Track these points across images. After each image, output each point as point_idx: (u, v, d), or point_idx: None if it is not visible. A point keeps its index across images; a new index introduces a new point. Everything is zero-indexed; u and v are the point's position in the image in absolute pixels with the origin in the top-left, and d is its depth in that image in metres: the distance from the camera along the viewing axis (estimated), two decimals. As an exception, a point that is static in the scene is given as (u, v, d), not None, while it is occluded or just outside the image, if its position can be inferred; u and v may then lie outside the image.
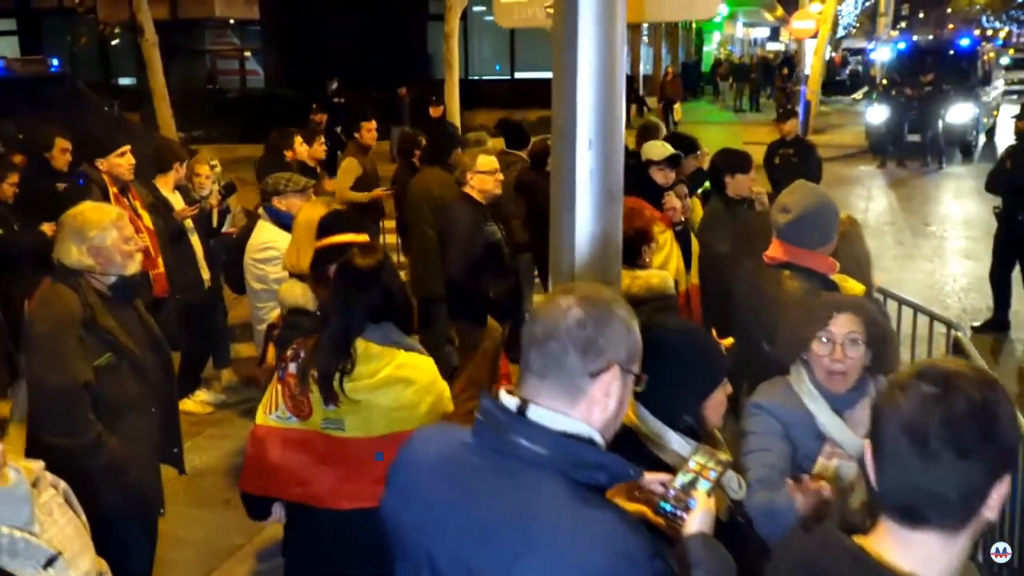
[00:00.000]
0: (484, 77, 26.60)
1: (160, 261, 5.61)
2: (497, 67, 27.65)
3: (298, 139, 7.20)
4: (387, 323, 3.09)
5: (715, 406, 2.42)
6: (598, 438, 1.73)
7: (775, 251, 3.50)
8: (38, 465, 2.27)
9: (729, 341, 3.08)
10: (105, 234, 3.42)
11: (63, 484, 2.30)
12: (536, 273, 7.25)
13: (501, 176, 5.43)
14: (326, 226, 3.62)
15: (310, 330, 3.22)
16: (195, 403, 6.51)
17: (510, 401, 1.74)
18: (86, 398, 3.28)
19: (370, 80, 22.84)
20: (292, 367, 3.08)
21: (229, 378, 7.00)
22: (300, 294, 3.59)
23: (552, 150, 2.83)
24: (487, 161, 5.32)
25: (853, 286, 3.49)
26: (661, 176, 5.09)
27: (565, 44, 2.66)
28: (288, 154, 7.04)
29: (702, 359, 2.39)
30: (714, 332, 2.95)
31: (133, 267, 3.52)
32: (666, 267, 4.44)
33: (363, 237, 3.53)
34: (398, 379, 3.01)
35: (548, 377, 1.71)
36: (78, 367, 3.27)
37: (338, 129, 15.02)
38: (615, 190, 2.77)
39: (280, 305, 3.74)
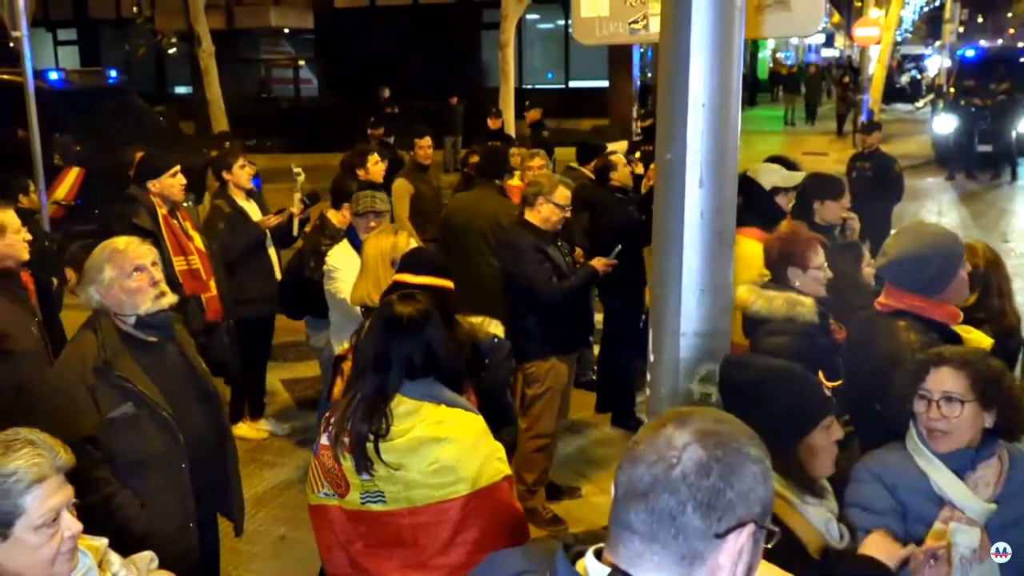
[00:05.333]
0: (537, 86, 26.34)
1: (212, 284, 5.38)
2: (549, 75, 27.39)
3: (373, 158, 6.97)
4: (428, 378, 2.76)
5: (817, 451, 2.28)
6: None
7: (886, 297, 3.16)
8: (102, 543, 2.22)
9: (835, 383, 2.79)
10: (103, 273, 3.10)
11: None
12: (596, 293, 6.94)
13: (568, 213, 5.12)
14: (409, 262, 3.33)
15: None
16: (252, 428, 6.30)
17: (597, 572, 1.34)
18: (93, 454, 2.94)
19: (422, 89, 22.75)
20: (324, 438, 2.78)
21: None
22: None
23: (657, 189, 2.51)
24: (564, 195, 5.01)
25: (979, 338, 3.12)
26: (785, 201, 4.74)
27: (674, 71, 2.35)
28: (360, 173, 6.82)
29: (792, 399, 2.26)
30: (821, 373, 2.66)
31: (147, 303, 3.12)
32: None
33: (441, 281, 3.23)
34: (432, 438, 2.66)
35: (657, 541, 1.31)
36: (80, 421, 2.95)
37: (391, 139, 14.89)
38: (726, 233, 2.45)
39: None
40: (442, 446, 2.65)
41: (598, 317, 6.62)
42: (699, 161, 2.36)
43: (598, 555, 1.38)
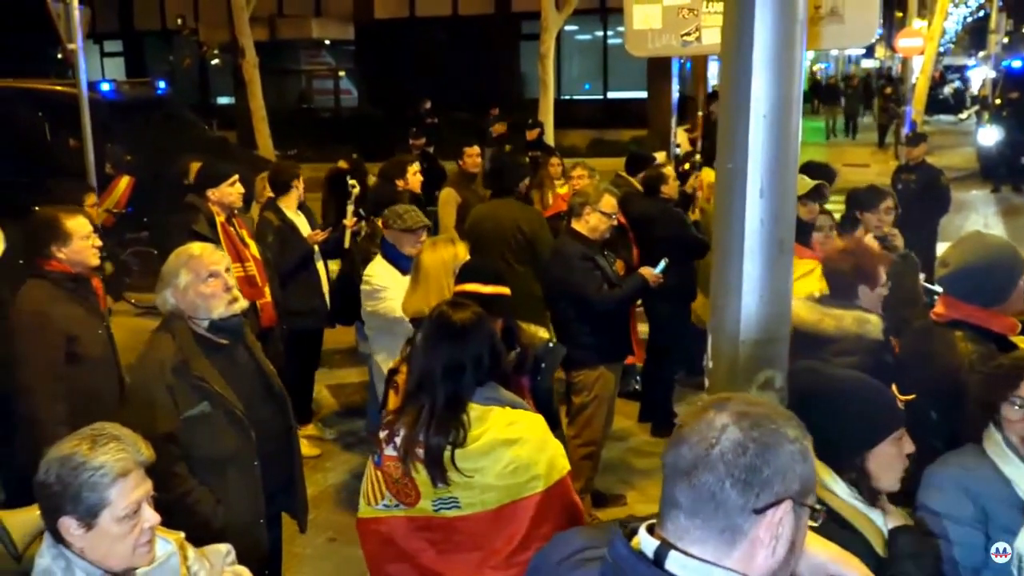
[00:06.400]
0: (575, 97, 26.41)
1: (267, 290, 5.51)
2: (587, 86, 27.45)
3: (412, 168, 7.05)
4: (489, 382, 2.82)
5: (884, 462, 2.27)
6: None
7: (942, 308, 3.17)
8: (179, 536, 2.32)
9: (907, 397, 2.79)
10: (179, 278, 3.22)
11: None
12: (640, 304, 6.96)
13: (615, 222, 5.17)
14: (468, 272, 3.40)
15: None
16: (308, 446, 6.39)
17: (647, 545, 1.43)
18: (171, 451, 3.06)
19: (461, 100, 22.91)
20: (390, 450, 2.80)
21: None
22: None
23: (717, 198, 2.56)
24: (610, 203, 5.06)
25: (1033, 349, 3.12)
26: (805, 211, 4.76)
27: (737, 82, 2.40)
28: (399, 183, 6.90)
29: (861, 409, 2.26)
30: (895, 388, 2.67)
31: (220, 308, 3.23)
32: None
33: (500, 289, 3.30)
34: (505, 440, 2.71)
35: (698, 516, 1.40)
36: (160, 419, 3.07)
37: (431, 149, 15.03)
38: (787, 241, 2.48)
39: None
40: (515, 447, 2.70)
41: (643, 328, 6.66)
42: (760, 171, 2.40)
43: (650, 530, 1.46)
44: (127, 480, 2.08)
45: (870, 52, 49.19)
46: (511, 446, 2.70)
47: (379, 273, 4.76)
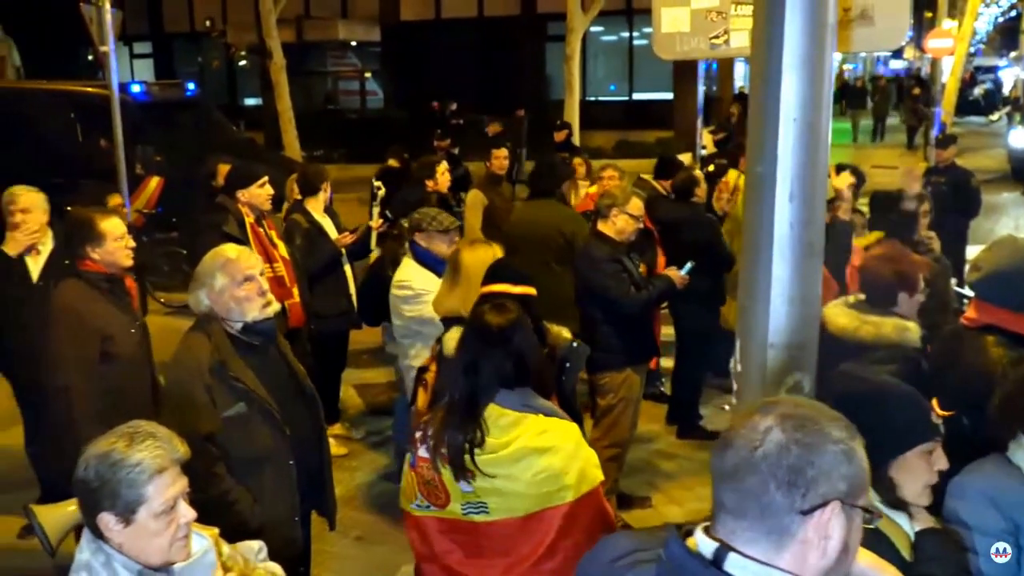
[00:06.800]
0: (601, 98, 26.37)
1: (295, 291, 5.55)
2: (612, 87, 27.41)
3: (441, 168, 7.07)
4: (523, 388, 2.81)
5: (909, 473, 2.23)
6: None
7: (973, 312, 3.15)
8: (213, 531, 2.36)
9: (947, 413, 2.75)
10: (214, 280, 3.25)
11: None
12: (667, 306, 6.96)
13: (641, 224, 5.17)
14: (495, 273, 3.41)
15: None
16: (335, 445, 6.44)
17: (705, 546, 1.45)
18: (211, 451, 3.10)
19: (487, 101, 22.95)
20: (423, 451, 2.82)
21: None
22: (454, 346, 3.37)
23: (746, 201, 2.56)
24: (637, 206, 5.06)
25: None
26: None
27: (767, 85, 2.40)
28: (429, 184, 6.92)
29: (891, 415, 2.22)
30: (935, 402, 2.64)
31: (254, 311, 3.26)
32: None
33: (525, 289, 3.32)
34: (537, 449, 2.71)
35: (745, 518, 1.42)
36: (200, 419, 3.10)
37: (456, 151, 15.08)
38: (816, 245, 2.49)
39: (440, 351, 3.50)
40: (547, 456, 2.70)
41: (669, 330, 6.65)
42: (789, 175, 2.40)
43: (706, 532, 1.48)
44: (163, 476, 2.12)
45: (899, 53, 48.73)
46: (542, 455, 2.70)
47: (415, 277, 4.74)
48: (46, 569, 4.69)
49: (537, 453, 2.70)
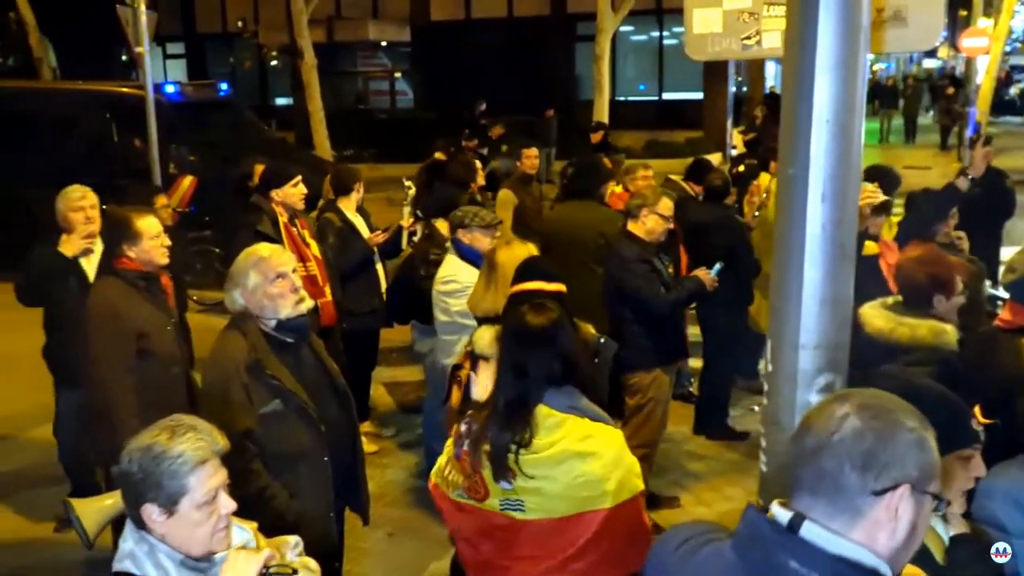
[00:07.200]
0: (630, 98, 26.30)
1: (327, 290, 5.61)
2: (641, 87, 27.33)
3: (477, 165, 7.13)
4: (568, 387, 2.82)
5: (945, 477, 2.08)
6: (884, 569, 1.51)
7: (1008, 314, 3.13)
8: (252, 525, 2.40)
9: (989, 421, 2.72)
10: (248, 278, 3.30)
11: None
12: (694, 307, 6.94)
13: (671, 225, 5.17)
14: (523, 272, 3.43)
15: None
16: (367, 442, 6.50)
17: (782, 515, 1.55)
18: (248, 447, 3.14)
19: (516, 101, 22.97)
20: (467, 444, 2.82)
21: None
22: (487, 343, 3.39)
23: (778, 203, 2.56)
24: (667, 206, 5.06)
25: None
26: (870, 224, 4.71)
27: (799, 87, 2.40)
28: (473, 185, 6.97)
29: (929, 417, 2.12)
30: (978, 409, 2.61)
31: (287, 309, 3.31)
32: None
33: (557, 286, 3.34)
34: (579, 453, 2.70)
35: (821, 496, 1.52)
36: (237, 416, 3.14)
37: (484, 151, 15.12)
38: (848, 247, 2.48)
39: (472, 350, 3.53)
40: (588, 461, 2.69)
41: (694, 330, 6.64)
42: (822, 176, 2.41)
43: (783, 505, 1.59)
44: (205, 468, 2.16)
45: (932, 52, 48.18)
46: (584, 459, 2.70)
47: (460, 272, 4.77)
48: (78, 563, 4.82)
49: (579, 457, 2.70)
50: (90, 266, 4.89)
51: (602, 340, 3.63)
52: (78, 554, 4.90)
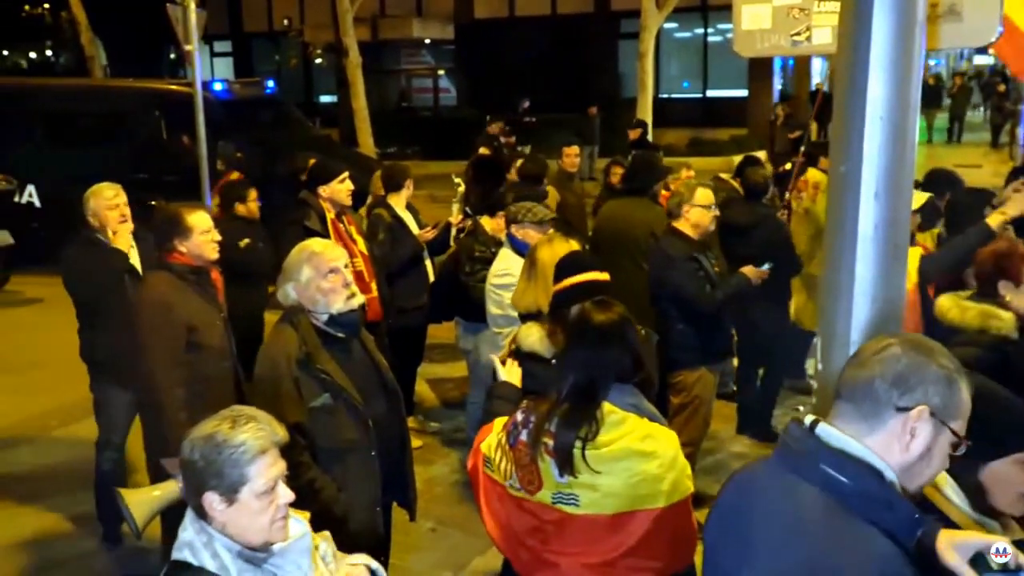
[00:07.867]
0: (673, 96, 26.13)
1: (374, 286, 5.65)
2: (685, 84, 27.14)
3: (518, 162, 7.17)
4: (629, 386, 2.81)
5: (1000, 481, 2.13)
6: (890, 474, 1.73)
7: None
8: (306, 515, 2.43)
9: None
10: (300, 272, 3.34)
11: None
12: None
13: (717, 212, 5.13)
14: (563, 267, 3.43)
15: (541, 389, 2.94)
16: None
17: (809, 419, 1.85)
18: (298, 441, 3.16)
19: (559, 99, 22.94)
20: (524, 435, 2.82)
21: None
22: (537, 339, 3.39)
23: (830, 200, 2.54)
24: (705, 195, 5.03)
25: None
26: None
27: (853, 83, 2.38)
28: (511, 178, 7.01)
29: (984, 420, 2.03)
30: None
31: (339, 303, 3.34)
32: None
33: (603, 276, 3.33)
34: (639, 452, 2.69)
35: (852, 401, 1.77)
36: (287, 409, 3.17)
37: (526, 149, 15.13)
38: (901, 245, 2.46)
39: (517, 347, 3.53)
40: (647, 460, 2.69)
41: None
42: (875, 174, 2.39)
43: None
44: (265, 457, 2.19)
45: (983, 48, 47.13)
46: (644, 459, 2.70)
47: (515, 266, 4.72)
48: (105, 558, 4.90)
49: (639, 456, 2.70)
50: (135, 259, 4.95)
51: (642, 332, 3.63)
52: (106, 551, 5.03)
